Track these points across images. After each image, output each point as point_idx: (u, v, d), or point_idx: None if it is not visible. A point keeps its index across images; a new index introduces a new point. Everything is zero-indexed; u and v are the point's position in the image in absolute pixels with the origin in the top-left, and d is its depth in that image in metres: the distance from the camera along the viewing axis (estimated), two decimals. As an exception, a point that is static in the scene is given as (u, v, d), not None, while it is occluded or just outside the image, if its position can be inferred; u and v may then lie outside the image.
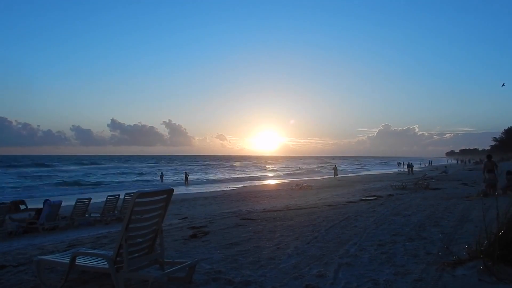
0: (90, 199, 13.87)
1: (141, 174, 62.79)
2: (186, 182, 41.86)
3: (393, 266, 4.53)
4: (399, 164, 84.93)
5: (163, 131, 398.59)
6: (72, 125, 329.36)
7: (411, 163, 51.38)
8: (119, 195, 14.70)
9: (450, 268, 4.17)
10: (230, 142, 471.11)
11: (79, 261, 3.90)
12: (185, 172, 47.94)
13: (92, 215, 13.48)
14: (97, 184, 42.89)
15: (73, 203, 13.22)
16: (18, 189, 36.20)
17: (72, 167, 78.49)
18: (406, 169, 49.03)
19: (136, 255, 3.78)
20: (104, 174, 60.38)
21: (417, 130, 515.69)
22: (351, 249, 5.47)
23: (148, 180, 49.68)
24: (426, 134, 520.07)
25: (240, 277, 4.19)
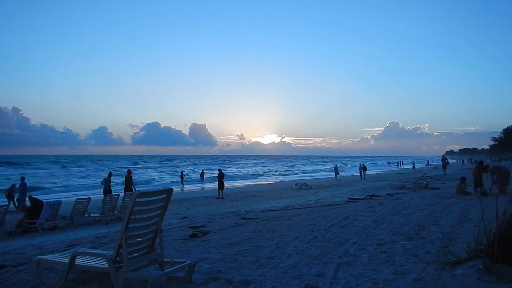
0: (90, 198, 13.86)
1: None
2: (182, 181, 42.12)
3: (392, 265, 4.53)
4: (398, 163, 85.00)
5: (186, 131, 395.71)
6: (97, 127, 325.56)
7: (414, 162, 52.10)
8: (118, 195, 14.70)
9: (449, 268, 4.18)
10: (250, 141, 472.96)
11: (78, 261, 3.90)
12: (181, 172, 48.19)
13: (91, 215, 13.47)
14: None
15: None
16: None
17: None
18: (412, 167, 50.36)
19: (136, 254, 3.78)
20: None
21: (427, 129, 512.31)
22: (350, 249, 5.48)
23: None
24: (434, 133, 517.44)
25: (239, 276, 4.20)
